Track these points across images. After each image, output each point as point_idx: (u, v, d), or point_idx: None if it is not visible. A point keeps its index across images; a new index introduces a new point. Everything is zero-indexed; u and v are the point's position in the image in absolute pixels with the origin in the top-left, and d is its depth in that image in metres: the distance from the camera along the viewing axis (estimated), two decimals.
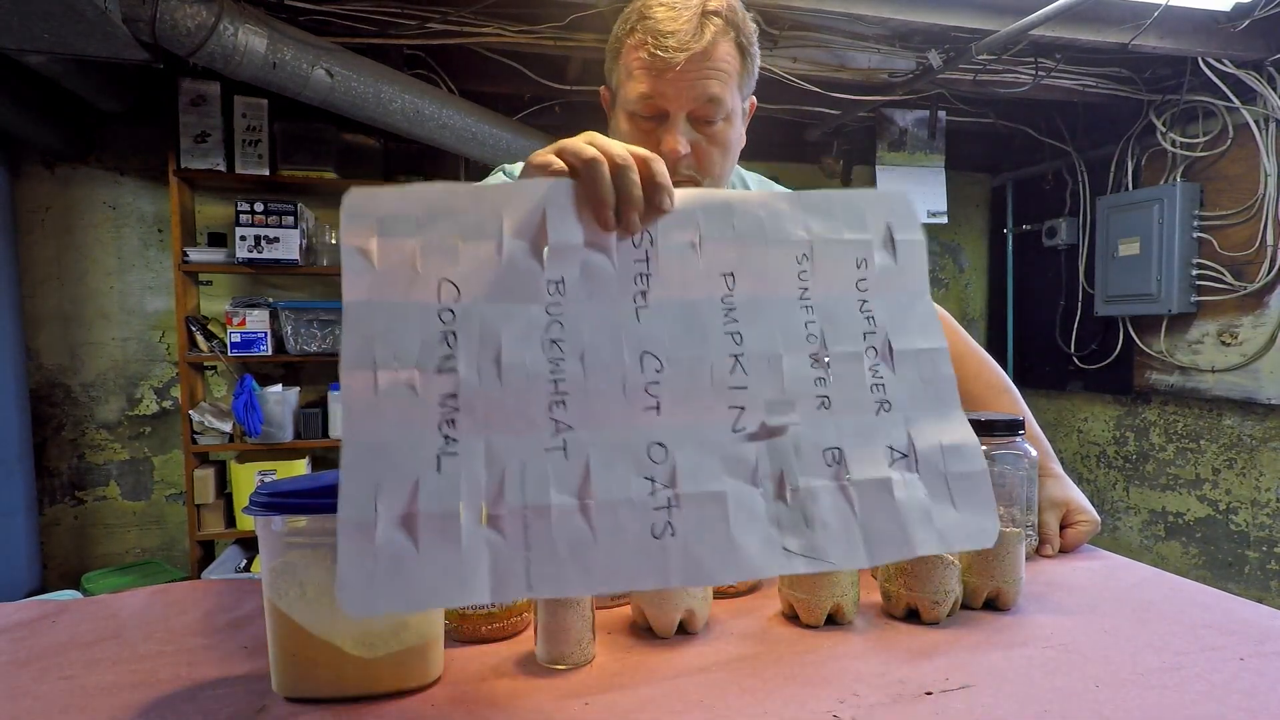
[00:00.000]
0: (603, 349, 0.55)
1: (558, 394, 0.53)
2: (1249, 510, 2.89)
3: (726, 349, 0.57)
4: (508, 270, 0.54)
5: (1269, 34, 2.60)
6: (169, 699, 0.60)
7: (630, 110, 0.93)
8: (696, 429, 0.55)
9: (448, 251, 0.53)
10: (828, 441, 0.57)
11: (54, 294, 2.94)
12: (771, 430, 0.56)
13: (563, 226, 0.56)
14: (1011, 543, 0.76)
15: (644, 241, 0.58)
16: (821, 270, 0.61)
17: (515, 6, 2.41)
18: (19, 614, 0.78)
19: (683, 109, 0.91)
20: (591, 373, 0.54)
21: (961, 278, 4.11)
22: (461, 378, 0.51)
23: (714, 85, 0.90)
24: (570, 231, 0.56)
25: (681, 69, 0.88)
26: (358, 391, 0.49)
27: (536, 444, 0.52)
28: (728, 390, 0.56)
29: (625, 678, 0.63)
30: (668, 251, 0.58)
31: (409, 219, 0.53)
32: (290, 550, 0.60)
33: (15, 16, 1.80)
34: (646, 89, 0.90)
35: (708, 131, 0.93)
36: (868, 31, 2.57)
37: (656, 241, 0.58)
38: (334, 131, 2.90)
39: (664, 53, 0.88)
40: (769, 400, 0.57)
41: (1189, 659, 0.66)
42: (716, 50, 0.89)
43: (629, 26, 0.93)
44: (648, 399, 0.55)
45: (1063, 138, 3.51)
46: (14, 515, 2.69)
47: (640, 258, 0.57)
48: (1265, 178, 2.71)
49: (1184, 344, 3.07)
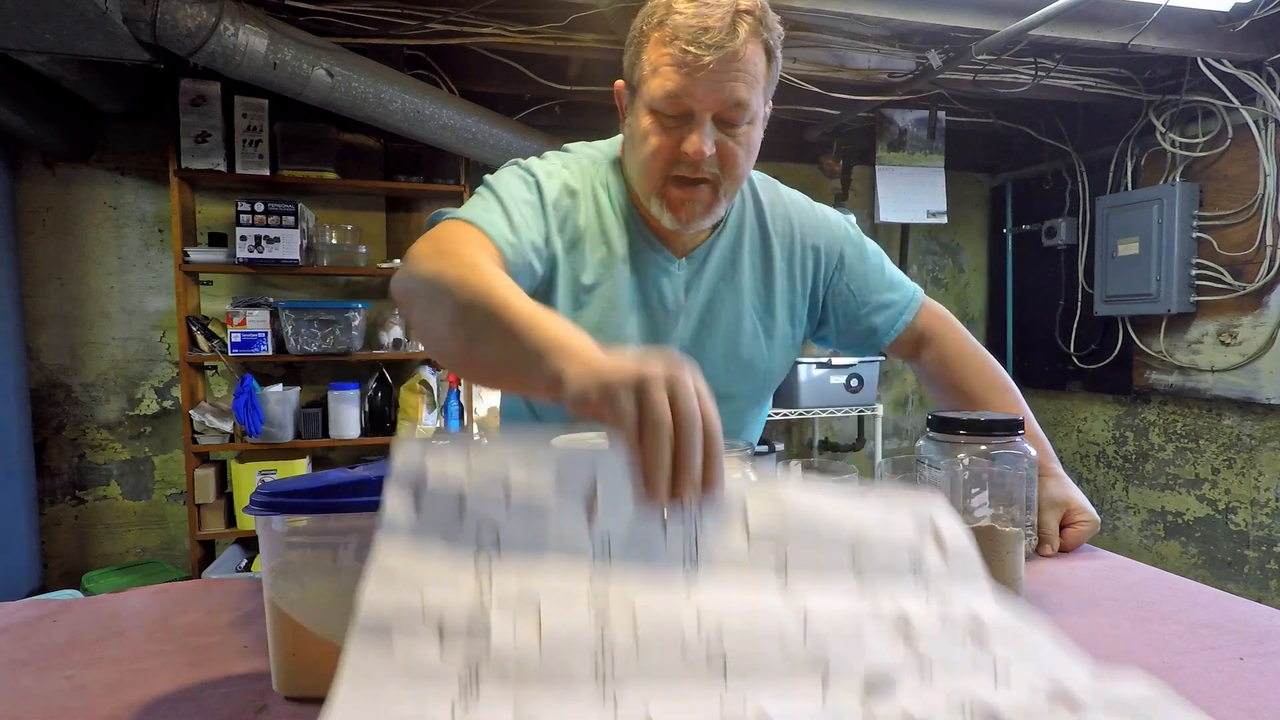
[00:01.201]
0: (655, 610, 0.50)
1: (604, 654, 0.48)
2: (1248, 510, 2.89)
3: (790, 616, 0.52)
4: (555, 537, 0.51)
5: (1268, 34, 2.60)
6: (170, 698, 0.60)
7: (654, 107, 0.89)
8: (782, 696, 0.48)
9: (493, 505, 0.51)
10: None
11: (55, 294, 2.94)
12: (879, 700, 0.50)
13: (612, 501, 0.53)
14: (1011, 542, 0.77)
15: (693, 511, 0.54)
16: (874, 560, 0.57)
17: (515, 6, 2.41)
18: (20, 613, 0.79)
19: (709, 109, 0.88)
20: (644, 636, 0.49)
21: (961, 278, 4.11)
22: (494, 641, 0.47)
23: (742, 88, 0.87)
24: (621, 505, 0.53)
25: (712, 68, 0.85)
26: (370, 659, 0.45)
27: (579, 708, 0.45)
28: (805, 658, 0.50)
29: None
30: (719, 537, 0.54)
31: (455, 481, 0.51)
32: (290, 550, 0.60)
33: (16, 17, 1.80)
34: (674, 87, 0.86)
35: (732, 134, 0.90)
36: (867, 32, 2.57)
37: (708, 529, 0.55)
38: (334, 132, 2.90)
39: (696, 49, 0.84)
40: (866, 669, 0.51)
41: (1188, 658, 0.66)
42: (747, 52, 0.86)
43: (656, 20, 0.88)
44: (708, 663, 0.49)
45: (1062, 138, 3.51)
46: (15, 515, 2.69)
47: (689, 538, 0.54)
48: (1264, 178, 2.71)
49: (1183, 344, 3.07)
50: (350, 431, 2.93)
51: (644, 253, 1.00)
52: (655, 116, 0.90)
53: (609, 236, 0.99)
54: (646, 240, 1.00)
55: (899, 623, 0.53)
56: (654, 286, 1.01)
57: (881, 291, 1.12)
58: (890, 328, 1.12)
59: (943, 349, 1.13)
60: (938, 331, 1.14)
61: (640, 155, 0.93)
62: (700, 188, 0.92)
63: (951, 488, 0.75)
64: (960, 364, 1.11)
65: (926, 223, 3.50)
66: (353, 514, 0.60)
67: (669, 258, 1.01)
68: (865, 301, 1.11)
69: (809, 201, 1.14)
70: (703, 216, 0.94)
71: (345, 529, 0.60)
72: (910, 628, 0.53)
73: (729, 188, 0.94)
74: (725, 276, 1.04)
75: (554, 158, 1.03)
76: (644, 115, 0.91)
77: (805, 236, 1.09)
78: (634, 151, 0.94)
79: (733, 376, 1.06)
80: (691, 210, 0.93)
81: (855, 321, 1.12)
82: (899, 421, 4.06)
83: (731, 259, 1.05)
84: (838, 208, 3.37)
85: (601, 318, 0.98)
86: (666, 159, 0.91)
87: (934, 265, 4.05)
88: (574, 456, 0.54)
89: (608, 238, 0.99)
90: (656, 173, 0.92)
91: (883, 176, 3.42)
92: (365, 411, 3.01)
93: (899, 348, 1.16)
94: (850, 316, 1.12)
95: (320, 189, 3.07)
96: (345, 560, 0.61)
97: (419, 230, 0.95)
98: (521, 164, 1.00)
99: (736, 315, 1.05)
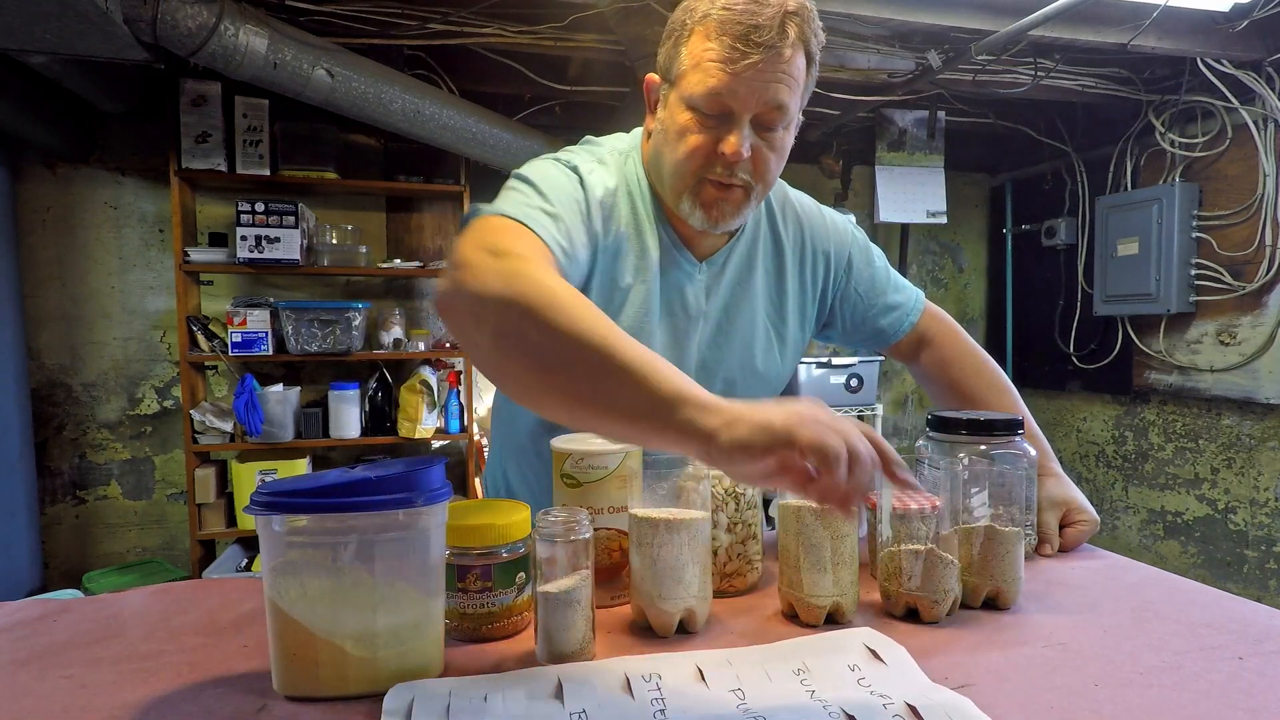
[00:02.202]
0: None
1: None
2: (1247, 509, 2.89)
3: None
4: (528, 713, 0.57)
5: (1267, 35, 2.60)
6: (170, 698, 0.60)
7: (693, 103, 0.86)
8: None
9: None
10: None
11: (55, 294, 2.94)
12: None
13: (580, 690, 0.59)
14: (1011, 542, 0.77)
15: (653, 679, 0.61)
16: (820, 677, 0.62)
17: (515, 7, 2.42)
18: (20, 613, 0.79)
19: (749, 111, 0.85)
20: None
21: (961, 278, 4.11)
22: None
23: (784, 90, 0.84)
24: (586, 692, 0.59)
25: (759, 68, 0.82)
26: None
27: None
28: None
29: None
30: (676, 681, 0.61)
31: (440, 693, 0.59)
32: (291, 549, 0.60)
33: (17, 17, 1.80)
34: (717, 84, 0.83)
35: (768, 137, 0.88)
36: (867, 32, 2.57)
37: (664, 676, 0.62)
38: (334, 132, 2.90)
39: (745, 46, 0.81)
40: None
41: (1188, 658, 0.66)
42: (792, 54, 0.84)
43: (702, 13, 0.85)
44: None
45: (1062, 138, 3.51)
46: (15, 514, 2.69)
47: (654, 689, 0.60)
48: (1264, 178, 2.71)
49: (1183, 344, 3.07)
50: (350, 431, 2.94)
51: (670, 256, 0.98)
52: (693, 113, 0.87)
53: (644, 238, 0.97)
54: (673, 243, 0.98)
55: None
56: (677, 291, 0.99)
57: (888, 293, 1.13)
58: (897, 329, 1.13)
59: (942, 350, 1.14)
60: (938, 333, 1.15)
61: (675, 153, 0.89)
62: (734, 190, 0.90)
63: (951, 487, 0.75)
64: (959, 364, 1.12)
65: (926, 223, 3.50)
66: (353, 514, 0.60)
67: (692, 262, 0.99)
68: (873, 304, 1.12)
69: (816, 204, 1.13)
70: (733, 218, 0.92)
71: (345, 529, 0.60)
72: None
73: (760, 191, 0.92)
74: (742, 282, 1.03)
75: (584, 153, 0.98)
76: (681, 111, 0.88)
77: (815, 241, 1.09)
78: (668, 147, 0.91)
79: (747, 382, 1.05)
80: (723, 210, 0.91)
81: (863, 323, 1.13)
82: (899, 421, 4.06)
83: (747, 264, 1.04)
84: (837, 208, 3.37)
85: (634, 322, 0.96)
86: (704, 158, 0.88)
87: (934, 265, 4.05)
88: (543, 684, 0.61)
89: (642, 240, 0.96)
90: (691, 172, 0.89)
91: (882, 176, 3.42)
92: (365, 411, 3.01)
93: (899, 349, 1.17)
94: (859, 319, 1.13)
95: (320, 189, 3.07)
96: (345, 560, 0.61)
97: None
98: (561, 159, 0.94)
99: (751, 321, 1.04)
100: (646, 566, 0.71)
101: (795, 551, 0.73)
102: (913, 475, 0.63)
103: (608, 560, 0.78)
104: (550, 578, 0.65)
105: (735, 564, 0.83)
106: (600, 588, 0.76)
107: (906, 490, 0.67)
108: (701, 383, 0.63)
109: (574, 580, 0.65)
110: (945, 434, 0.90)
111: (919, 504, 0.74)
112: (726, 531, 0.82)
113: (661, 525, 0.70)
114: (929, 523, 0.74)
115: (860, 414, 3.47)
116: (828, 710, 0.57)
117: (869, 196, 3.59)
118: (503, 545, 0.70)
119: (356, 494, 0.59)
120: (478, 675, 0.62)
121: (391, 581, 0.61)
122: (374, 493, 0.60)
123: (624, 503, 0.77)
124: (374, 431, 3.00)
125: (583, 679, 0.61)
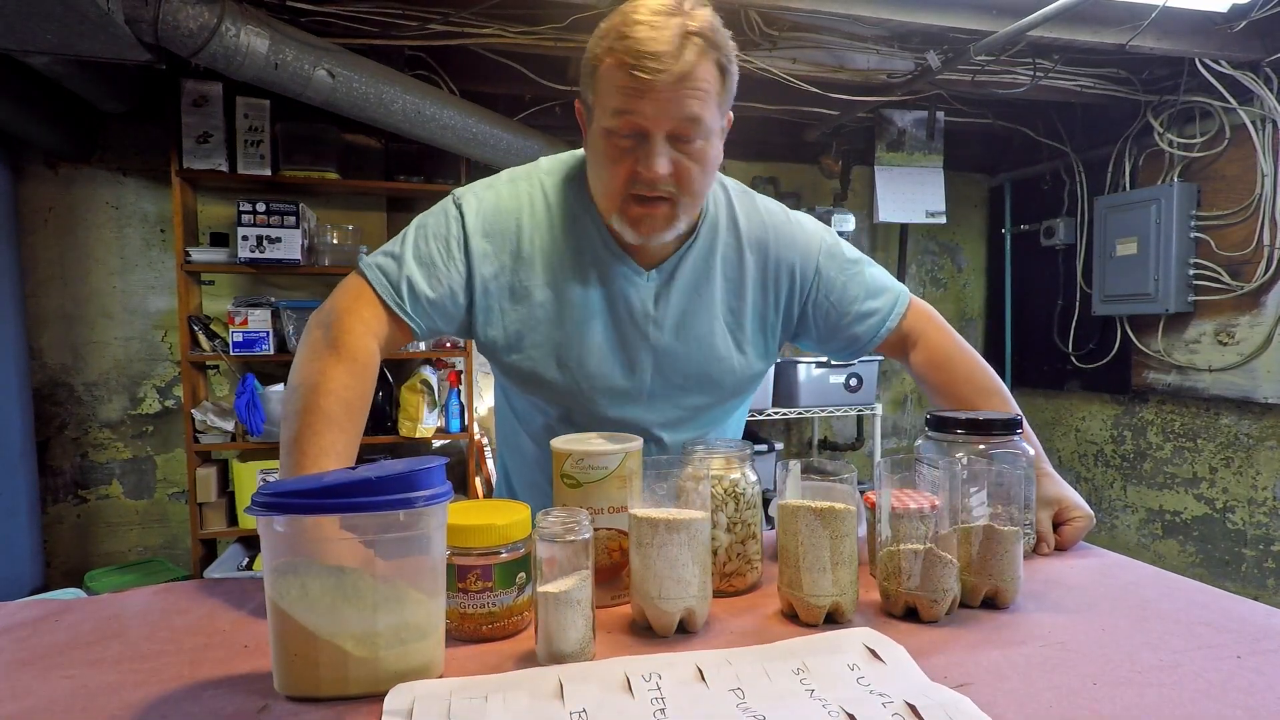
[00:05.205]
0: None
1: None
2: (1246, 509, 2.90)
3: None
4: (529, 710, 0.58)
5: (1266, 35, 2.60)
6: (171, 698, 0.60)
7: (608, 128, 0.91)
8: None
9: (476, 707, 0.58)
10: None
11: (57, 293, 2.94)
12: None
13: (580, 690, 0.60)
14: (1009, 541, 0.77)
15: (653, 678, 0.62)
16: (820, 676, 0.63)
17: (515, 7, 2.42)
18: (22, 613, 0.79)
19: (662, 129, 0.89)
20: None
21: (960, 278, 4.11)
22: None
23: (694, 105, 0.89)
24: (586, 692, 0.60)
25: (662, 89, 0.87)
26: None
27: None
28: None
29: None
30: (676, 681, 0.62)
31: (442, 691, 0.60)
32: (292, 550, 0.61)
33: (18, 18, 1.80)
34: (626, 108, 0.89)
35: (687, 149, 0.92)
36: (866, 32, 2.57)
37: (664, 676, 0.62)
38: (335, 132, 2.90)
39: (645, 73, 0.86)
40: None
41: (1186, 657, 0.66)
42: (697, 71, 0.88)
43: (607, 45, 0.90)
44: None
45: (1061, 138, 3.51)
46: (17, 514, 2.69)
47: (654, 689, 0.60)
48: (1262, 178, 2.71)
49: (1181, 343, 3.07)
50: None
51: (609, 263, 1.03)
52: (611, 138, 0.92)
53: (568, 246, 1.02)
54: (612, 251, 1.03)
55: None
56: (620, 296, 1.03)
57: (862, 300, 1.11)
58: (872, 336, 1.12)
59: (929, 353, 1.12)
60: (922, 334, 1.13)
61: (601, 177, 0.96)
62: (659, 204, 0.94)
63: (950, 486, 0.75)
64: (948, 368, 1.11)
65: (925, 223, 3.50)
66: (353, 514, 0.60)
67: (635, 269, 1.03)
68: (845, 312, 1.11)
69: (785, 213, 1.13)
70: (663, 230, 0.97)
71: (346, 529, 0.60)
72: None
73: (687, 203, 0.96)
74: (697, 288, 1.06)
75: (501, 177, 1.07)
76: (600, 137, 0.93)
77: (781, 252, 1.09)
78: (594, 171, 0.98)
79: (705, 386, 1.08)
80: (652, 224, 0.95)
81: (837, 331, 1.12)
82: (898, 421, 4.07)
83: (704, 271, 1.06)
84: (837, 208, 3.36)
85: (561, 325, 1.02)
86: (625, 179, 0.93)
87: (933, 265, 4.05)
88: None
89: (565, 248, 1.02)
90: (616, 192, 0.95)
91: (882, 177, 3.42)
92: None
93: (886, 349, 1.16)
94: (831, 327, 1.12)
95: (321, 189, 3.07)
96: (346, 560, 0.61)
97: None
98: (456, 195, 1.04)
99: (709, 327, 1.07)
100: (646, 566, 0.71)
101: (795, 551, 0.73)
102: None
103: (608, 560, 0.78)
104: (550, 578, 0.65)
105: (735, 564, 0.83)
106: (600, 588, 0.77)
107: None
108: (663, 379, 1.02)
109: (574, 580, 0.65)
110: (944, 433, 0.91)
111: (918, 503, 0.75)
112: (726, 531, 0.82)
113: (661, 525, 0.71)
114: (928, 522, 0.74)
115: (860, 413, 3.48)
116: (827, 709, 0.57)
117: (868, 196, 3.59)
118: (503, 545, 0.71)
119: (358, 494, 0.60)
120: (478, 675, 0.63)
121: (392, 582, 0.62)
122: (375, 493, 0.60)
123: (624, 503, 0.78)
124: (375, 431, 3.00)
125: (583, 679, 0.61)
